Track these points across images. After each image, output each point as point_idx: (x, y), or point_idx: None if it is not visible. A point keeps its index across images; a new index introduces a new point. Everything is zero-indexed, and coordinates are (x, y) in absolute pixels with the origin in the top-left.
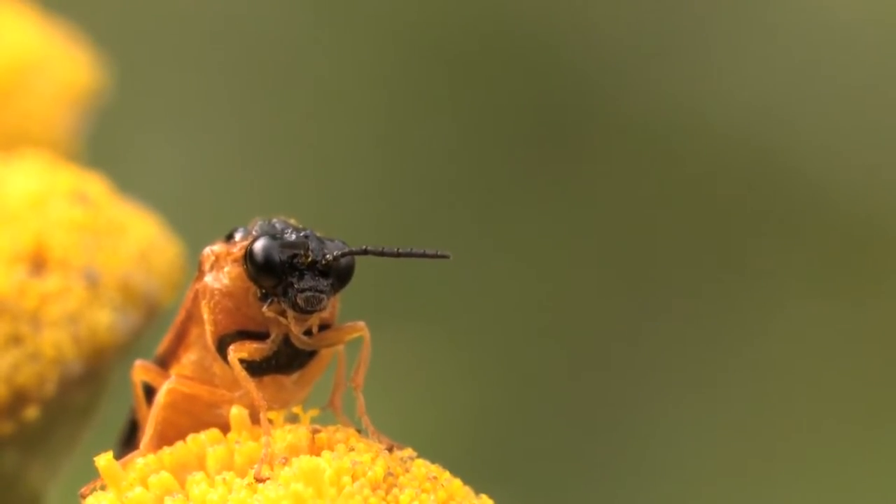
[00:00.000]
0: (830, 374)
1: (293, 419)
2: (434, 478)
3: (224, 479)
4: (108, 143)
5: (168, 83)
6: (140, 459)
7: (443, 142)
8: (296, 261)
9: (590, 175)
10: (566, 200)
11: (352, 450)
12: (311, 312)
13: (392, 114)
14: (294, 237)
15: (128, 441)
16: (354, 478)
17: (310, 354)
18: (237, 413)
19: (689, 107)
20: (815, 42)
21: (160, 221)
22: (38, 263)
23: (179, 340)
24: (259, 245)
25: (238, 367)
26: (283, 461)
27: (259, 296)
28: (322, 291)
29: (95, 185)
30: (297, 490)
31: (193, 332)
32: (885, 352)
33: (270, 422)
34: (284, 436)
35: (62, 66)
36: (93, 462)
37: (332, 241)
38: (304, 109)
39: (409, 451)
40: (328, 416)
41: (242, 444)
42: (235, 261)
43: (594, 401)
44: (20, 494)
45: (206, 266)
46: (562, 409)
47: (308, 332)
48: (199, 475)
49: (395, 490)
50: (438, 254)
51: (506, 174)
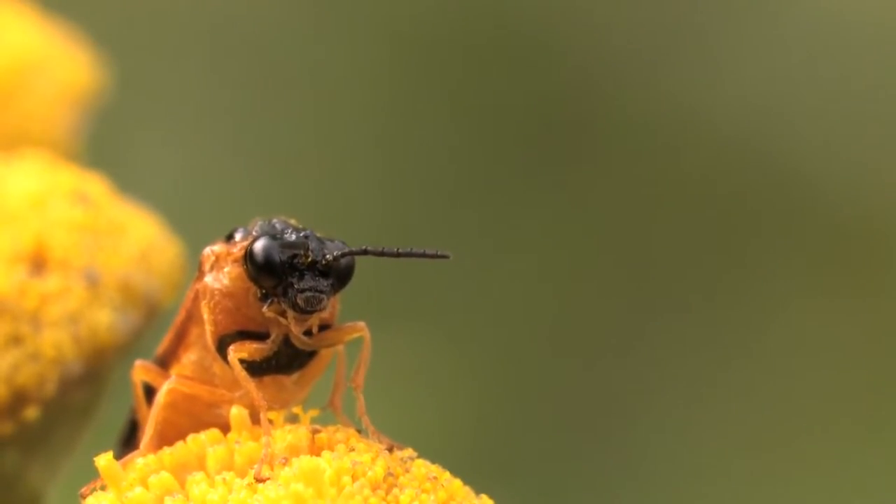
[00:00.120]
0: (831, 374)
1: (293, 419)
2: (434, 478)
3: (224, 480)
4: (108, 143)
5: (168, 83)
6: (140, 459)
7: (443, 142)
8: (296, 261)
9: (590, 175)
10: (566, 200)
11: (352, 450)
12: (311, 312)
13: (392, 114)
14: (294, 237)
15: (128, 441)
16: (354, 478)
17: (310, 355)
18: (237, 413)
19: (690, 107)
20: (815, 42)
21: (160, 221)
22: (39, 263)
23: (179, 340)
24: (259, 245)
25: (238, 368)
26: (283, 461)
27: (259, 296)
28: (322, 291)
29: (96, 186)
30: (297, 490)
31: (193, 332)
32: (886, 351)
33: (270, 422)
34: (284, 436)
35: (62, 66)
36: (93, 462)
37: (332, 242)
38: (305, 109)
39: (409, 451)
40: (328, 416)
41: (242, 445)
42: (235, 261)
43: (594, 400)
44: (20, 494)
45: (206, 266)
46: (562, 409)
47: (308, 333)
48: (199, 475)
49: (396, 490)
50: (438, 254)
51: (506, 174)
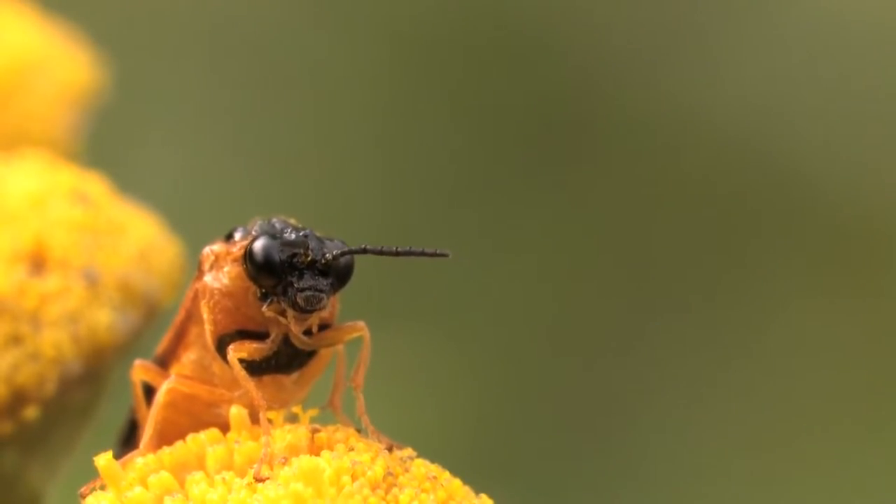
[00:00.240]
0: (831, 374)
1: (293, 419)
2: (434, 477)
3: (224, 479)
4: (108, 143)
5: (168, 83)
6: (140, 459)
7: (443, 142)
8: (295, 260)
9: (590, 175)
10: (566, 200)
11: (351, 449)
12: (311, 312)
13: (392, 114)
14: (294, 236)
15: (127, 441)
16: (354, 477)
17: (309, 354)
18: (237, 413)
19: (690, 107)
20: (815, 42)
21: (160, 221)
22: (38, 263)
23: (179, 340)
24: (259, 244)
25: (238, 367)
26: (283, 461)
27: (259, 295)
28: (322, 291)
29: (95, 185)
30: (297, 490)
31: (193, 332)
32: (886, 351)
33: (270, 421)
34: (284, 435)
35: (62, 66)
36: (92, 462)
37: (332, 241)
38: (305, 109)
39: (409, 451)
40: (328, 416)
41: (242, 444)
42: (235, 260)
43: (595, 400)
44: (20, 494)
45: (206, 266)
46: (562, 409)
47: (308, 332)
48: (199, 475)
49: (395, 490)
50: (438, 252)
51: (506, 174)
